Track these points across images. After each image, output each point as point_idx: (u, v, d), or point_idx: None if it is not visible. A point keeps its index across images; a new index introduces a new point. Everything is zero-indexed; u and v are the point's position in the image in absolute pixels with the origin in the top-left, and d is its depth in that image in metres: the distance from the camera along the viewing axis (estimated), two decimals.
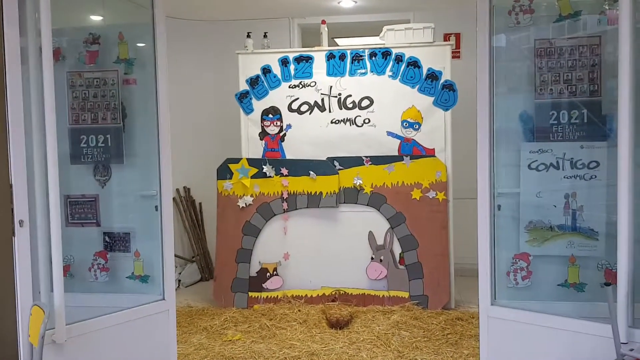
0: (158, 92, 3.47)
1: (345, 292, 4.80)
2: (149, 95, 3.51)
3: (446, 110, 4.72)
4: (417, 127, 4.75)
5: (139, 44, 3.63)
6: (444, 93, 4.69)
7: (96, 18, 3.72)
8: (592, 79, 3.17)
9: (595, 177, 3.18)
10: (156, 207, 3.53)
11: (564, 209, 3.25)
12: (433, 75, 4.71)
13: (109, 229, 3.64)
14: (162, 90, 3.48)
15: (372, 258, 4.79)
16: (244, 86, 4.94)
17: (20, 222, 2.70)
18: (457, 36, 5.53)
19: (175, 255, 5.67)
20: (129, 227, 3.64)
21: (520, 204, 3.31)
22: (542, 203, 3.29)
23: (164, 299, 3.50)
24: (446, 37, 5.40)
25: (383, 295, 4.75)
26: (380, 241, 4.78)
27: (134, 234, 3.63)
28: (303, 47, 5.85)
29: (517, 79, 3.34)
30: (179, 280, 5.68)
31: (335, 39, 6.55)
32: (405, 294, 4.71)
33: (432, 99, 4.72)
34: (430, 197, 4.70)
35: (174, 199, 5.82)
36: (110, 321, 3.21)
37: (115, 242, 3.66)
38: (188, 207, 6.02)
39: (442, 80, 4.70)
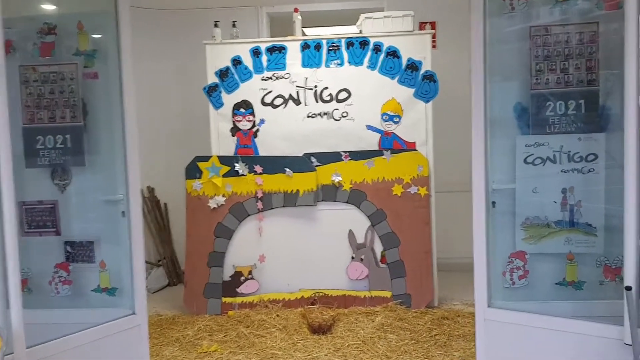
0: (123, 87, 3.19)
1: (325, 294, 4.58)
2: (113, 90, 3.24)
3: (427, 102, 4.54)
4: (397, 120, 4.56)
5: (100, 35, 3.31)
6: (425, 84, 4.52)
7: (51, 6, 3.38)
8: (590, 68, 3.02)
9: (594, 170, 3.04)
10: (123, 212, 3.24)
11: (561, 204, 3.11)
12: (413, 66, 4.52)
13: (71, 237, 3.37)
14: (127, 85, 3.21)
15: (352, 257, 4.59)
16: (212, 79, 4.66)
17: None
18: (432, 25, 5.33)
19: None
20: (93, 235, 3.37)
21: (515, 200, 3.15)
22: (538, 199, 3.13)
23: (134, 313, 3.24)
24: (422, 26, 5.20)
25: (365, 296, 4.56)
26: (360, 240, 4.59)
27: (98, 243, 3.37)
28: (272, 37, 5.55)
29: (512, 69, 3.16)
30: (146, 286, 5.33)
31: (304, 29, 6.26)
32: (388, 294, 4.53)
33: (412, 90, 4.54)
34: (412, 192, 4.53)
35: None
36: (76, 341, 2.96)
37: (78, 252, 3.39)
38: (153, 208, 5.70)
39: (422, 71, 4.52)
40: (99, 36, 3.31)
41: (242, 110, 4.64)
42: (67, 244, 3.38)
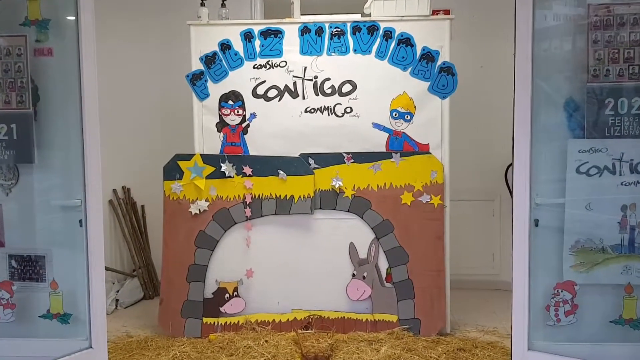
0: (82, 66, 2.59)
1: (321, 317, 4.04)
2: (71, 70, 2.63)
3: (444, 98, 4.01)
4: (408, 117, 4.03)
5: (55, 1, 2.71)
6: (442, 77, 3.99)
7: None
8: None
9: None
10: (80, 221, 2.69)
11: (620, 225, 2.54)
12: (429, 56, 3.99)
13: (16, 250, 2.84)
14: (88, 64, 2.60)
15: (353, 275, 4.07)
16: (197, 65, 4.11)
17: None
18: (446, 13, 4.75)
19: (113, 270, 4.91)
20: (44, 249, 2.84)
21: (564, 218, 2.59)
22: (592, 217, 2.57)
23: (91, 346, 2.64)
24: (434, 14, 4.63)
25: (367, 320, 4.03)
26: (363, 255, 4.07)
27: (50, 258, 2.85)
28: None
29: (564, 58, 2.59)
30: (117, 300, 4.78)
31: (302, 17, 5.67)
32: (394, 318, 4.00)
33: (427, 84, 4.01)
34: (424, 201, 4.00)
35: (110, 201, 5.01)
36: None
37: (25, 269, 2.89)
38: (128, 212, 5.10)
39: (439, 62, 3.99)
40: (54, 2, 2.69)
41: (230, 102, 4.11)
42: (12, 258, 2.83)
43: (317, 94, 4.07)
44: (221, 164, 4.04)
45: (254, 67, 4.08)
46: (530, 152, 2.46)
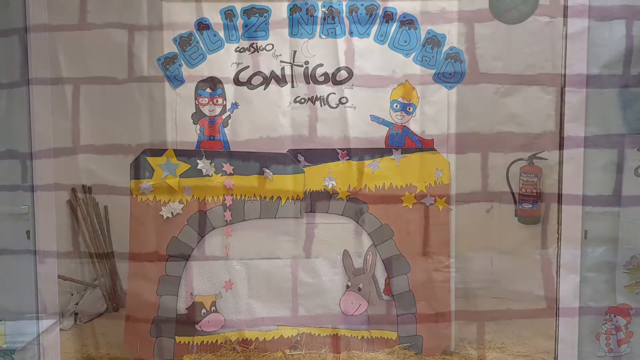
0: (30, 34, 2.12)
1: (311, 334, 3.80)
2: (12, 38, 2.18)
3: (450, 88, 3.77)
4: (411, 109, 3.79)
5: None
6: (448, 64, 3.73)
7: None
8: None
9: None
10: (28, 232, 2.40)
11: None
12: (434, 40, 3.72)
13: None
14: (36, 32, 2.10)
15: (347, 286, 3.83)
16: (170, 48, 3.84)
17: None
18: None
19: (72, 279, 4.51)
20: None
21: (619, 230, 2.26)
22: None
23: None
24: None
25: (363, 337, 3.78)
26: (358, 263, 3.83)
27: None
28: None
29: (618, 33, 2.22)
30: (76, 314, 4.37)
31: None
32: (393, 335, 3.75)
33: (432, 72, 3.76)
34: (428, 204, 3.77)
35: (69, 202, 4.61)
36: None
37: None
38: (89, 213, 4.66)
39: (445, 48, 3.74)
40: None
41: (208, 90, 3.85)
42: None
43: (308, 82, 3.83)
44: (197, 161, 3.78)
45: (235, 50, 3.83)
46: (584, 152, 2.08)
